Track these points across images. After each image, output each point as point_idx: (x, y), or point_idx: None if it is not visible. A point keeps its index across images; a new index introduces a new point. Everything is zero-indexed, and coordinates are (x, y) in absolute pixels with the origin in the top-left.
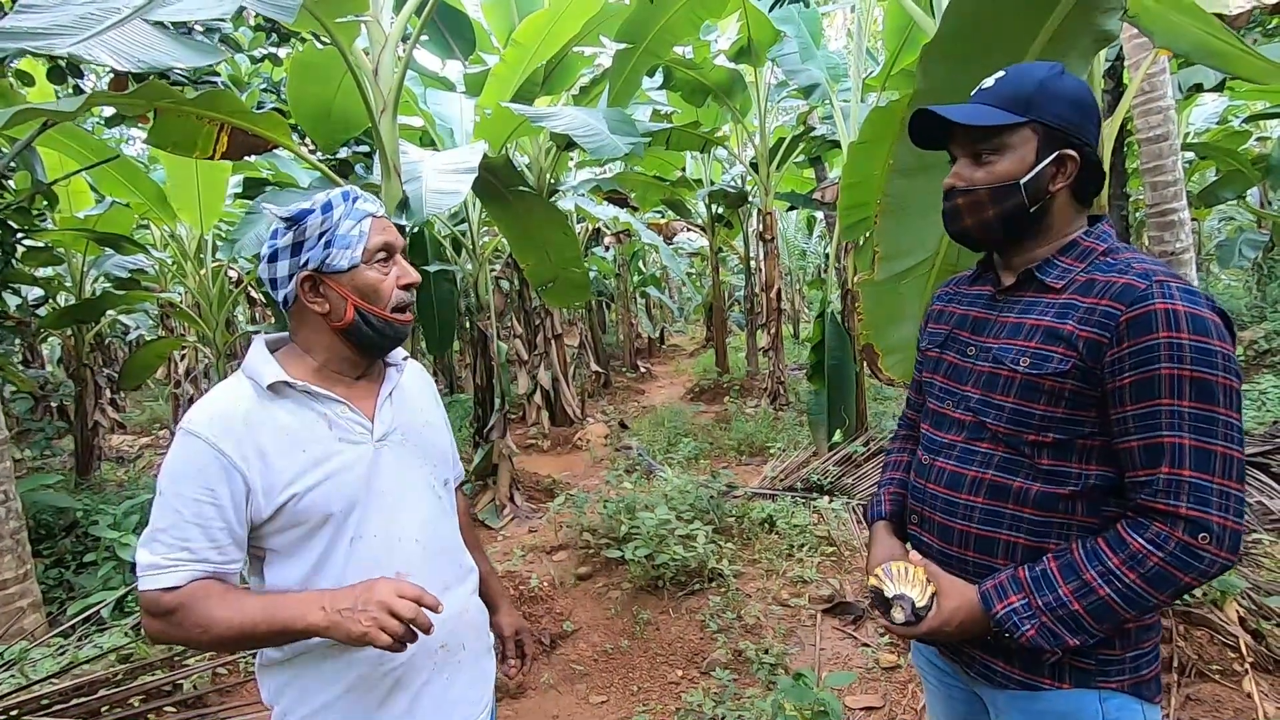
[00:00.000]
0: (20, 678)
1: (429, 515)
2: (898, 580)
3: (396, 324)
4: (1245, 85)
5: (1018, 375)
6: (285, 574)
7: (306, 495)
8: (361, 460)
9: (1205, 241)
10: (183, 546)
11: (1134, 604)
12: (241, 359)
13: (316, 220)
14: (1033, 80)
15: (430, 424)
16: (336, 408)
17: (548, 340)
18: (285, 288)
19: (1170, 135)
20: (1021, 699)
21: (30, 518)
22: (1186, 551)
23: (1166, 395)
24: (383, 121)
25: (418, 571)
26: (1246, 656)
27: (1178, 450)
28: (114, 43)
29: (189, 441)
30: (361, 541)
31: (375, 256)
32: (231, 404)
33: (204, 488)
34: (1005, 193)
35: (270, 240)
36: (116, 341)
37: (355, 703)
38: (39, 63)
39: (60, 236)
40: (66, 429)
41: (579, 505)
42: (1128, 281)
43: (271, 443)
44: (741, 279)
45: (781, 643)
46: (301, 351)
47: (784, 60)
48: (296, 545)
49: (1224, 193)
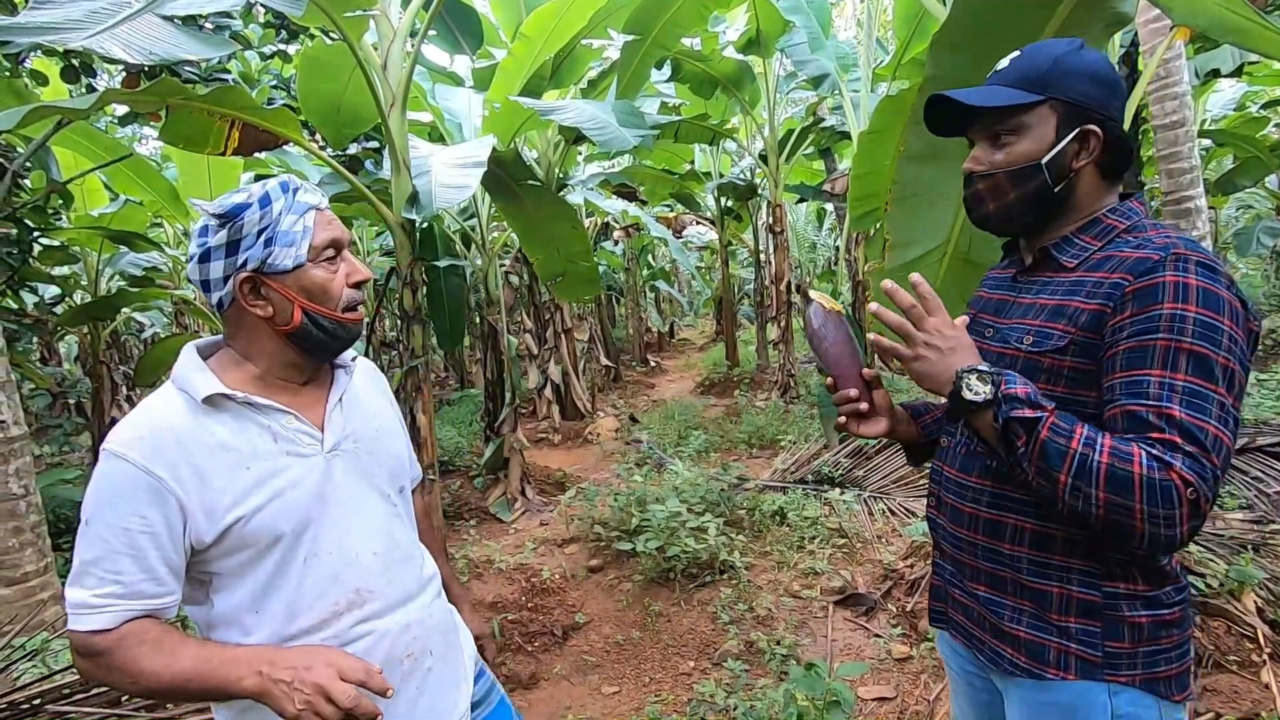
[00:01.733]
0: (42, 668)
1: (386, 526)
2: (816, 297)
3: (348, 324)
4: (1264, 70)
5: (1020, 354)
6: (234, 598)
7: (254, 517)
8: (312, 474)
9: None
10: (114, 580)
11: (1080, 479)
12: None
13: (254, 216)
14: (1048, 57)
15: (383, 429)
16: (282, 419)
17: (558, 335)
18: (220, 290)
19: (1186, 121)
20: (1029, 689)
21: (50, 512)
22: (1167, 490)
23: (1159, 366)
24: (392, 116)
25: (377, 584)
26: (1264, 647)
27: (1166, 418)
28: (125, 36)
29: (115, 464)
30: (316, 559)
31: (322, 254)
32: (161, 421)
33: (134, 514)
34: (1026, 174)
35: (200, 238)
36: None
37: None
38: (53, 62)
39: (75, 235)
40: (84, 425)
41: (590, 498)
42: (1142, 255)
43: (209, 462)
44: (751, 272)
45: (793, 634)
46: (239, 358)
47: (793, 51)
48: (245, 568)
49: (1242, 180)
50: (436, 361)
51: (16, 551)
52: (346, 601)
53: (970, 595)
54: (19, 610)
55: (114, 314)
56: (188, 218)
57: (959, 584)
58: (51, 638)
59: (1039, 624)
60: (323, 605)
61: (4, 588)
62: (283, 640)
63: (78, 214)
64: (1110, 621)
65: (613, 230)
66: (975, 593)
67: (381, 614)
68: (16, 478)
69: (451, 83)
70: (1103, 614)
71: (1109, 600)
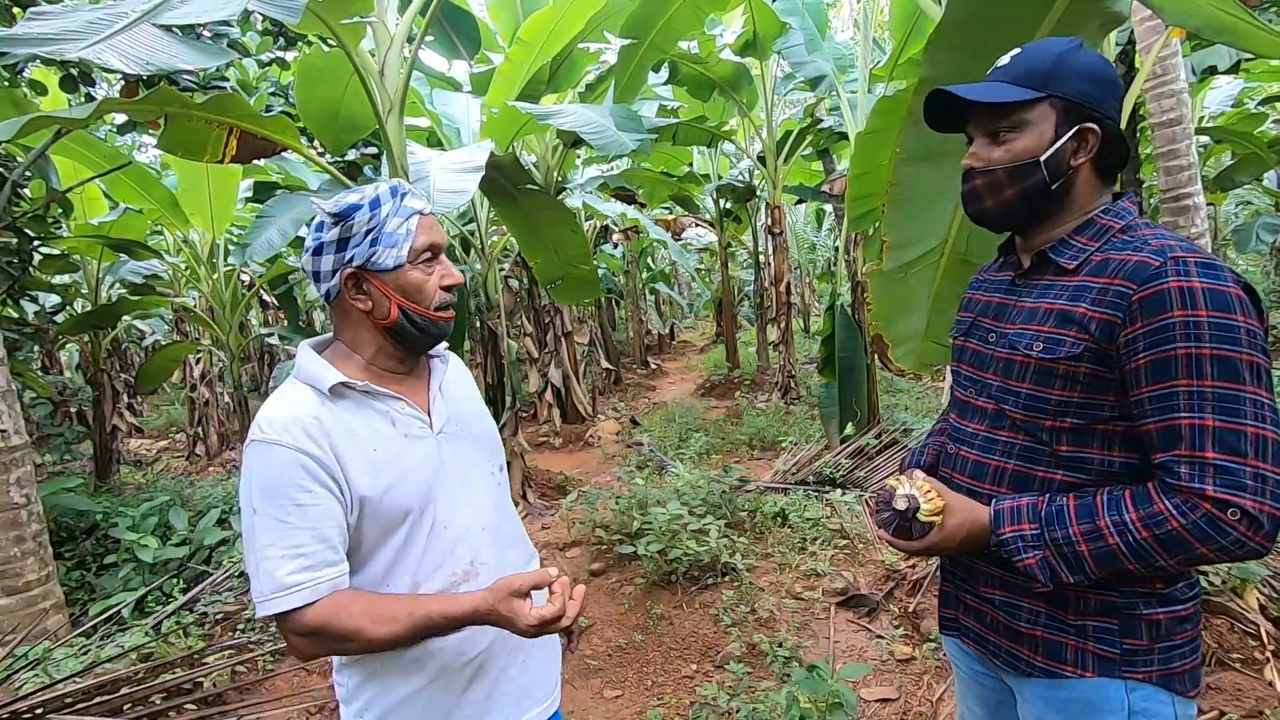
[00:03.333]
0: (44, 677)
1: (494, 502)
2: (915, 488)
3: (440, 322)
4: (1261, 66)
5: (1031, 361)
6: (367, 572)
7: (386, 496)
8: (428, 455)
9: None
10: (298, 554)
11: (1142, 560)
12: (255, 362)
13: (364, 216)
14: (1050, 55)
15: (478, 412)
16: (395, 404)
17: (558, 338)
18: (328, 282)
19: (1184, 119)
20: (1046, 687)
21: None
22: (1211, 523)
23: (1185, 376)
24: (389, 122)
25: (489, 556)
26: (1268, 644)
27: (1197, 431)
28: (122, 47)
29: (269, 451)
30: (435, 533)
31: (421, 256)
32: (301, 409)
33: (301, 490)
34: (1025, 171)
35: (315, 233)
36: (132, 346)
37: (438, 693)
38: (51, 72)
39: (76, 243)
40: (85, 433)
41: (591, 502)
42: (1142, 259)
43: (345, 445)
44: (751, 274)
45: (795, 636)
46: (348, 350)
47: (790, 52)
48: (377, 543)
49: (1240, 177)
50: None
51: (18, 560)
52: (463, 572)
53: (984, 600)
54: (21, 619)
55: (115, 322)
56: (187, 225)
57: (971, 589)
58: (54, 646)
59: (1056, 624)
60: (441, 576)
61: (6, 597)
62: None
63: (78, 222)
64: (1128, 619)
65: (612, 233)
66: (990, 597)
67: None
68: (18, 486)
69: (449, 88)
70: (1121, 612)
71: (1126, 599)
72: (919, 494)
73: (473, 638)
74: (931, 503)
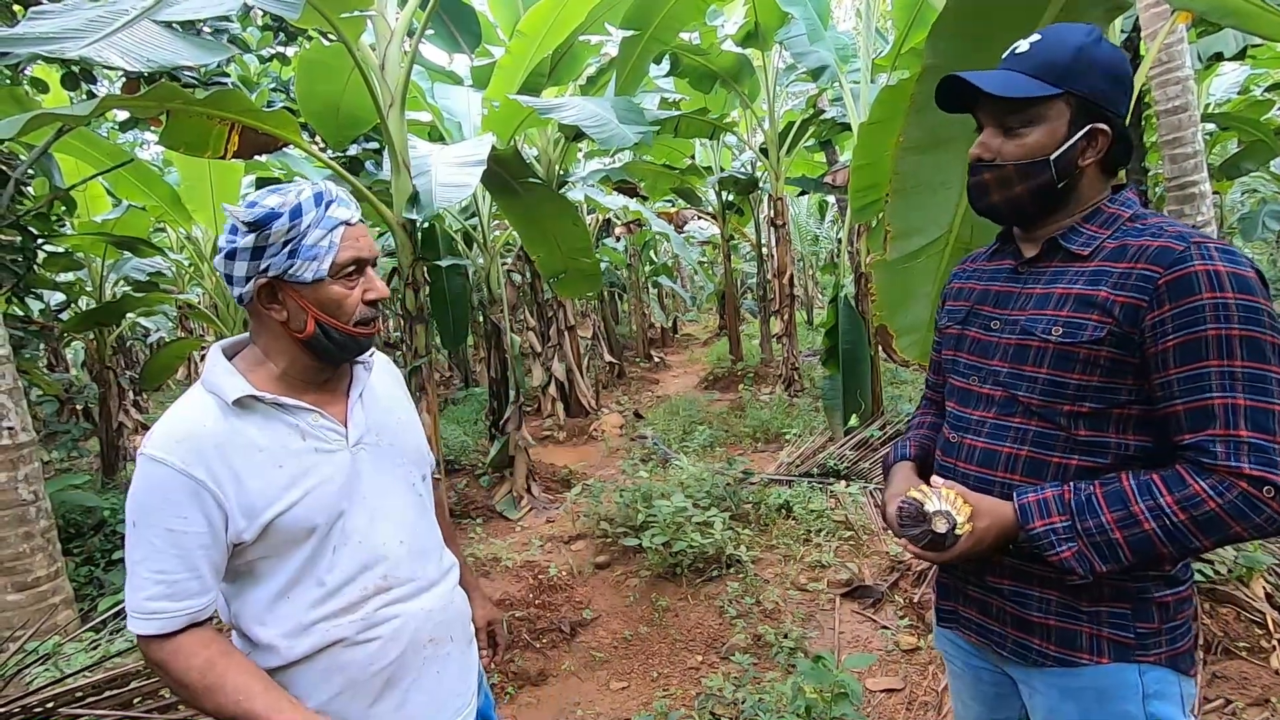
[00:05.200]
0: (54, 671)
1: (411, 516)
2: (944, 501)
3: (359, 337)
4: (1268, 52)
5: (1050, 345)
6: (268, 586)
7: (288, 513)
8: (340, 468)
9: (1227, 215)
10: (160, 578)
11: (1177, 543)
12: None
13: (282, 226)
14: (1071, 47)
15: (403, 421)
16: (308, 417)
17: (561, 332)
18: (241, 288)
19: (1189, 106)
20: (1059, 676)
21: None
22: (1247, 501)
23: (1215, 356)
24: (390, 117)
25: (403, 571)
26: (1273, 633)
27: (1231, 410)
28: (123, 44)
29: (155, 468)
30: (346, 548)
31: (344, 271)
32: (196, 424)
33: (176, 515)
34: (1034, 169)
35: (229, 236)
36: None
37: (347, 705)
38: (53, 69)
39: (79, 241)
40: (91, 430)
41: (595, 495)
42: (1164, 244)
43: (244, 463)
44: (754, 266)
45: (800, 627)
46: (263, 356)
47: (792, 43)
48: (279, 558)
49: (1246, 164)
50: (441, 361)
51: (27, 557)
52: (374, 587)
53: (990, 590)
54: (30, 615)
55: (119, 319)
56: (190, 222)
57: (976, 580)
58: (63, 641)
59: (1068, 612)
60: (351, 590)
61: (16, 593)
62: (313, 624)
63: (81, 220)
64: (1139, 603)
65: (614, 226)
66: (998, 587)
67: (406, 599)
68: (26, 483)
69: (450, 81)
70: (1134, 597)
71: (1139, 583)
72: (950, 507)
73: (382, 649)
74: (962, 512)
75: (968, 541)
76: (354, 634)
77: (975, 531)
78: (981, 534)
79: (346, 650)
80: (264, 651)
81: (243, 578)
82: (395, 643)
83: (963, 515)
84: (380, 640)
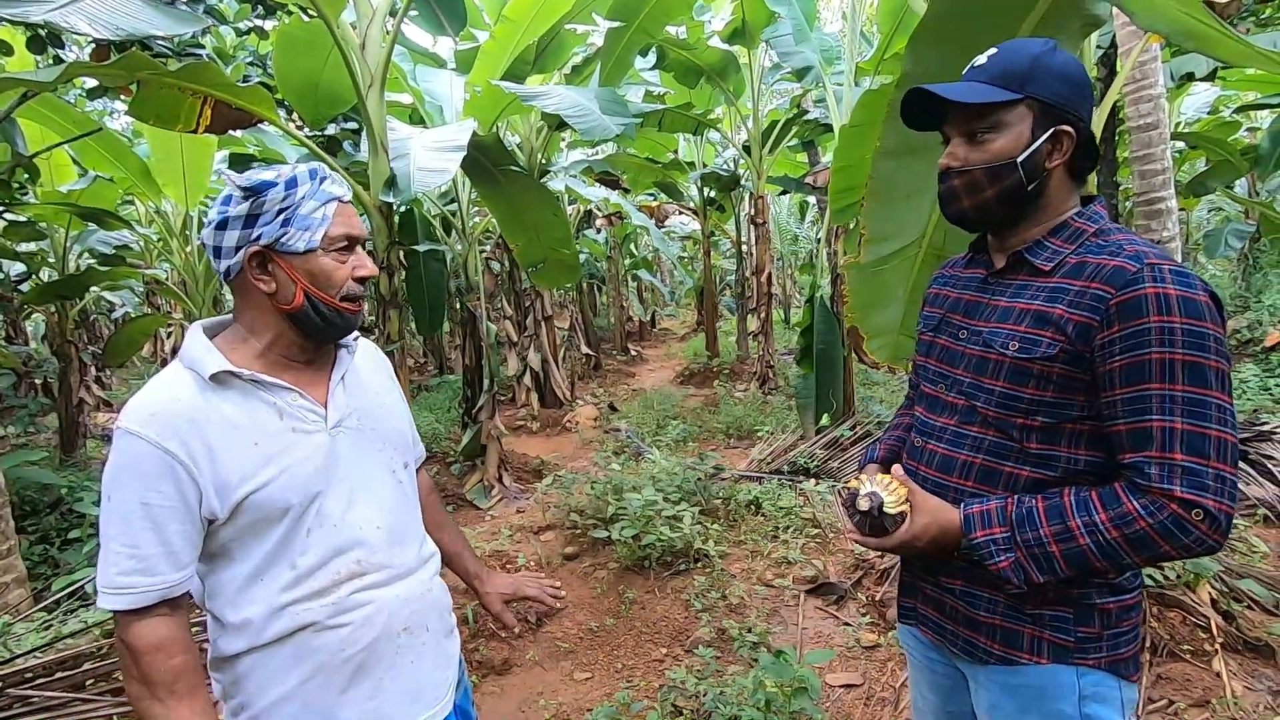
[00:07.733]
0: (4, 651)
1: (390, 502)
2: (876, 485)
3: (346, 313)
4: (1237, 75)
5: (1006, 359)
6: (240, 566)
7: (262, 491)
8: (318, 450)
9: (1193, 231)
10: (133, 553)
11: (1110, 559)
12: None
13: (278, 195)
14: (1027, 56)
15: (386, 406)
16: (287, 396)
17: (538, 322)
18: (230, 259)
19: (1160, 124)
20: (1000, 673)
21: (14, 494)
22: (1176, 523)
23: (1157, 379)
24: (370, 97)
25: (378, 557)
26: (1217, 637)
27: (1168, 434)
28: (91, 10)
29: (130, 442)
30: (320, 530)
31: (335, 244)
32: (172, 399)
33: (151, 490)
34: (1002, 172)
35: (221, 205)
36: (102, 318)
37: (317, 691)
38: (18, 32)
39: (42, 211)
40: (50, 406)
41: (567, 486)
42: (1119, 264)
43: (219, 439)
44: (733, 263)
45: (765, 622)
46: (246, 333)
47: (778, 42)
48: (253, 538)
49: (1212, 182)
50: (415, 347)
51: None
52: (348, 571)
53: (944, 589)
54: None
55: (83, 293)
56: (160, 196)
57: (932, 579)
58: (14, 621)
59: (1013, 613)
60: (324, 574)
61: None
62: (284, 606)
63: (45, 189)
64: (1082, 609)
65: (595, 218)
66: (950, 587)
67: (380, 585)
68: None
69: (433, 64)
70: (1076, 602)
71: (1081, 590)
72: (880, 490)
73: (353, 635)
74: (894, 493)
75: (905, 532)
76: (325, 618)
77: (914, 525)
78: (920, 530)
79: (317, 635)
80: (235, 633)
81: (217, 559)
82: (367, 629)
83: (893, 498)
84: (351, 626)
